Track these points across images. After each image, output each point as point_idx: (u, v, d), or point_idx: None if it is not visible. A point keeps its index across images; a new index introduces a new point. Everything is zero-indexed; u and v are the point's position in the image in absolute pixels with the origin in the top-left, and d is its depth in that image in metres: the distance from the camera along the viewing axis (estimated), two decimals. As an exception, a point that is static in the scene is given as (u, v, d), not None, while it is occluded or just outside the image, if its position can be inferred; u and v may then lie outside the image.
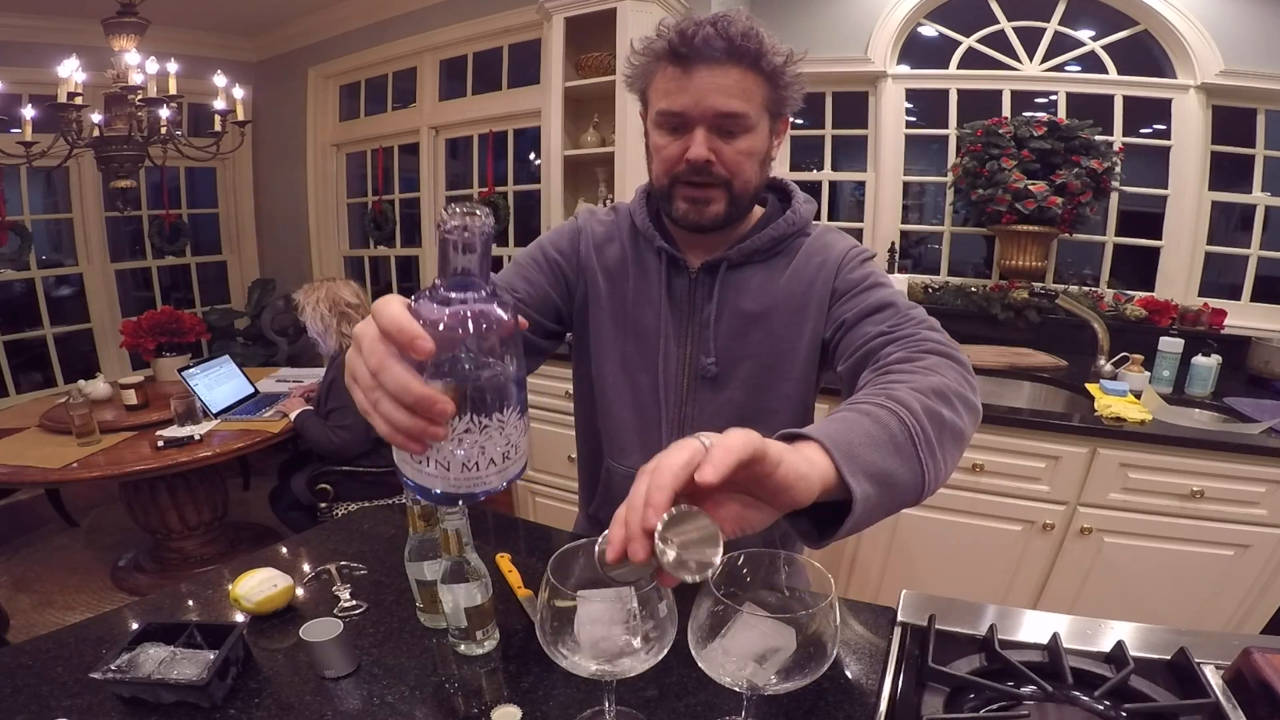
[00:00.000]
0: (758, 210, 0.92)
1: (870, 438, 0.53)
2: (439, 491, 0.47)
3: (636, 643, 0.53)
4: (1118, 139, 2.38)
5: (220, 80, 2.48)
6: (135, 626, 0.77)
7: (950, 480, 0.55)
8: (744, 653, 0.51)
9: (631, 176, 2.38)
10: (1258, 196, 2.32)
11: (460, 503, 0.49)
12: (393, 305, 0.41)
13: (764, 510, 0.47)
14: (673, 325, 0.91)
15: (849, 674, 0.73)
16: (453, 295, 0.43)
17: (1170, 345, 2.01)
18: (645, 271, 0.92)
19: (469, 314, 0.43)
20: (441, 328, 0.42)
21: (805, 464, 0.47)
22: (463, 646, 0.76)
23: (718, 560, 0.42)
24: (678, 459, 0.42)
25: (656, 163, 0.84)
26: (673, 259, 0.90)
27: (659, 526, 0.40)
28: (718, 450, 0.42)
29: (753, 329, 0.89)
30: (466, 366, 0.44)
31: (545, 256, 0.94)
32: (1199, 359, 1.96)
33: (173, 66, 2.37)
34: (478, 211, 0.43)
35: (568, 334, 1.00)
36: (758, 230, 0.88)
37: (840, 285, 0.86)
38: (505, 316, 0.45)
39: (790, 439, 0.51)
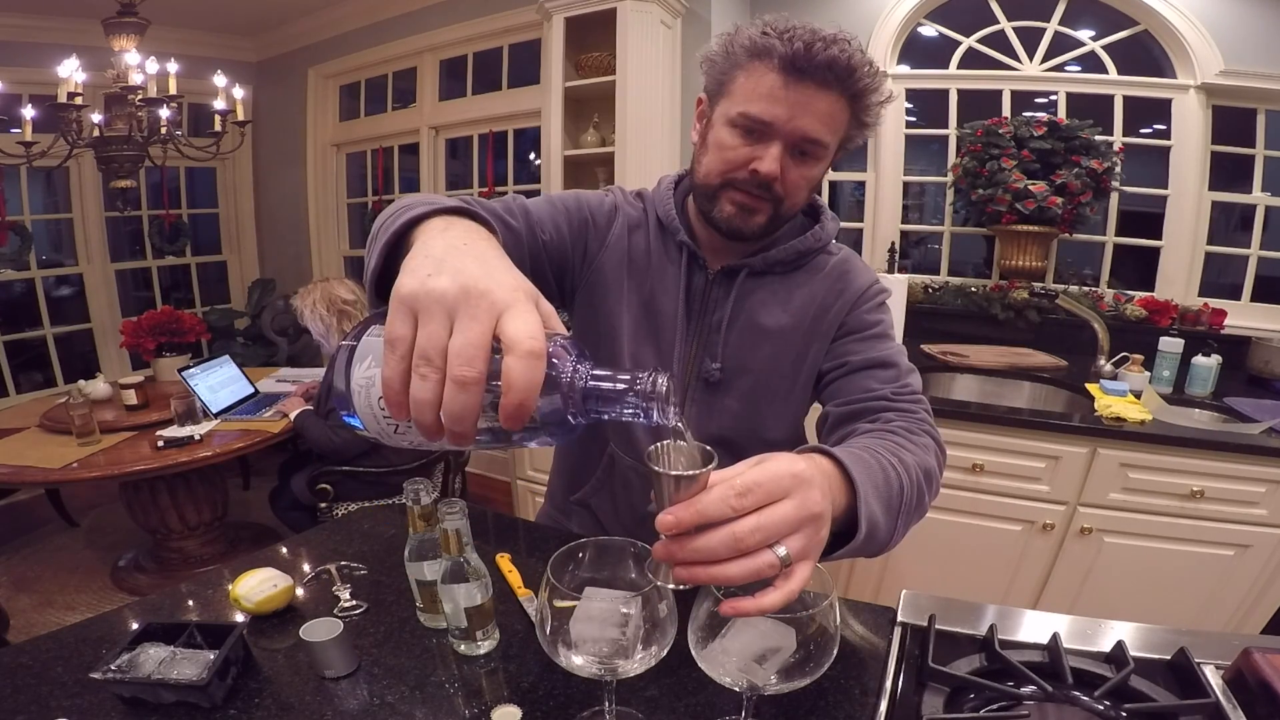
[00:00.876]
0: None
1: (878, 488, 0.59)
2: (372, 436, 0.46)
3: (636, 643, 0.53)
4: (1118, 139, 2.38)
5: (220, 80, 2.48)
6: (135, 626, 0.77)
7: (950, 480, 0.58)
8: (744, 653, 0.51)
9: (632, 177, 2.38)
10: (1258, 196, 2.32)
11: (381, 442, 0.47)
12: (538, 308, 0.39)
13: None
14: (684, 323, 0.90)
15: (849, 674, 0.73)
16: (608, 383, 0.40)
17: (1170, 345, 2.01)
18: (666, 264, 0.90)
19: (574, 368, 0.40)
20: (567, 402, 0.39)
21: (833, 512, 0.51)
22: (463, 646, 0.76)
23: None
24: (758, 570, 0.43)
25: (715, 160, 0.80)
26: (693, 255, 0.89)
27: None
28: (793, 584, 0.44)
29: (762, 343, 0.88)
30: (527, 429, 0.40)
31: (580, 214, 0.91)
32: (1199, 359, 1.96)
33: (173, 66, 2.37)
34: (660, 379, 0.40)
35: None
36: (782, 242, 0.87)
37: (852, 323, 0.87)
38: (581, 428, 0.42)
39: (818, 450, 0.57)
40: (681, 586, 0.46)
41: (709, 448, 0.44)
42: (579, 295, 0.94)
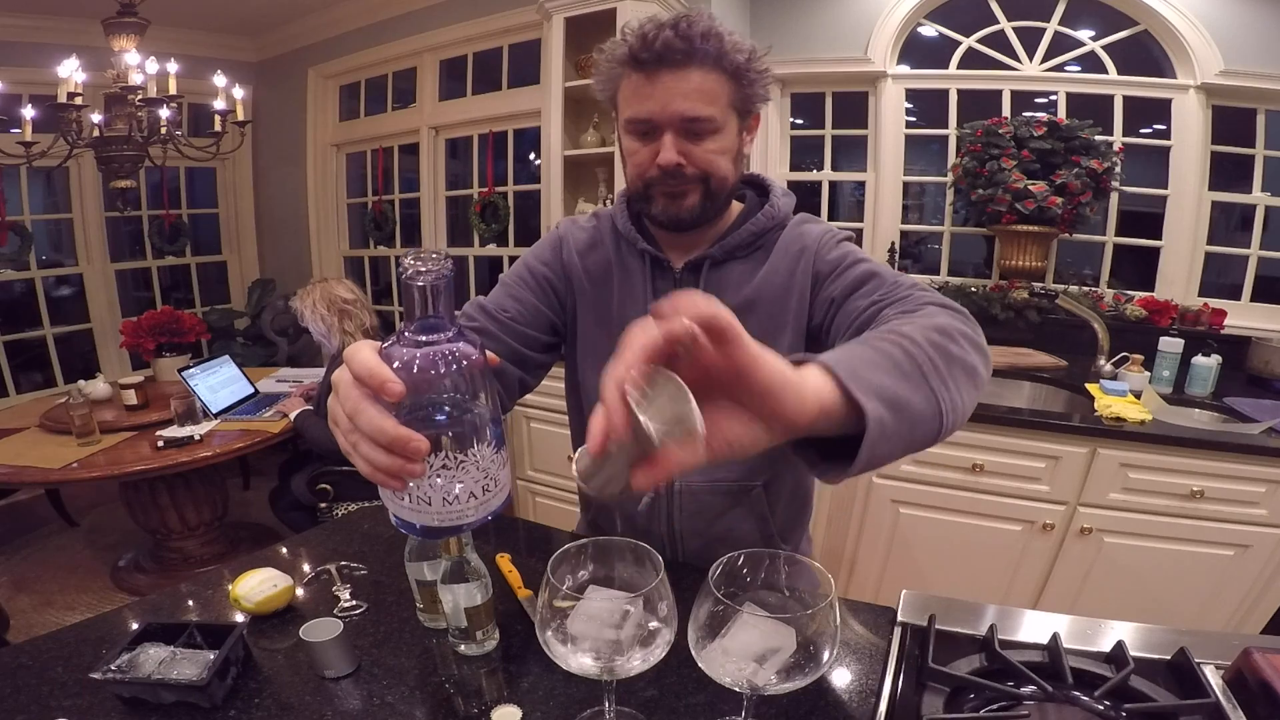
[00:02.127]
0: (736, 207, 0.92)
1: (873, 362, 0.49)
2: (420, 526, 0.49)
3: (636, 643, 0.53)
4: (1118, 139, 2.38)
5: (220, 80, 2.48)
6: (135, 626, 0.77)
7: (950, 480, 0.56)
8: (744, 653, 0.51)
9: (631, 176, 2.38)
10: (1258, 196, 2.32)
11: (443, 538, 0.51)
12: (363, 351, 0.44)
13: (752, 427, 0.43)
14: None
15: (849, 674, 0.73)
16: (421, 338, 0.46)
17: (1170, 345, 2.01)
18: (629, 275, 0.92)
19: (437, 355, 0.45)
20: (414, 370, 0.44)
21: (792, 372, 0.43)
22: (463, 646, 0.76)
23: (699, 424, 0.39)
24: (645, 330, 0.39)
25: (630, 168, 0.85)
26: (656, 260, 0.91)
27: (634, 396, 0.38)
28: (684, 305, 0.39)
29: (740, 321, 0.88)
30: (439, 405, 0.46)
31: (531, 272, 0.94)
32: (1199, 359, 1.96)
33: (173, 66, 2.36)
34: (435, 256, 0.46)
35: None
36: (737, 227, 0.89)
37: (821, 267, 0.86)
38: (473, 354, 0.47)
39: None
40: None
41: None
42: (567, 329, 0.97)
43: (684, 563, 0.97)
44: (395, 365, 0.44)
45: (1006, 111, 2.50)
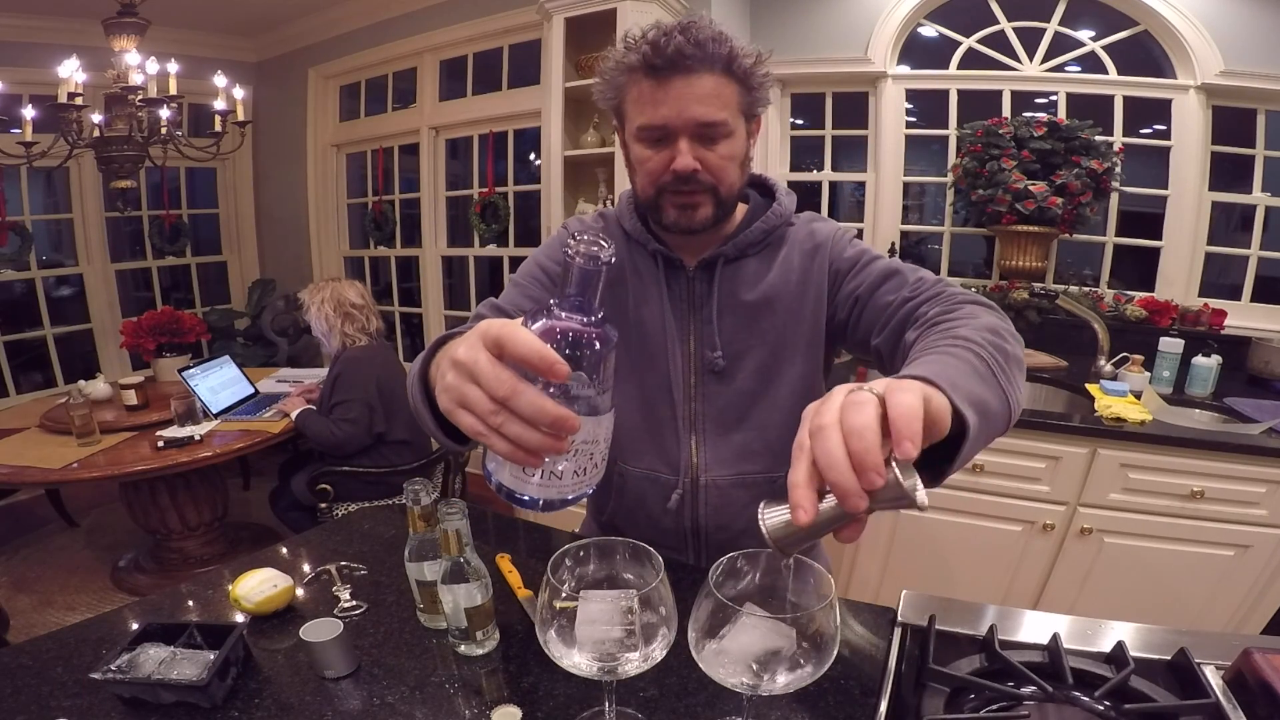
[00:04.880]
0: (742, 207, 0.93)
1: (961, 372, 0.55)
2: (543, 500, 0.50)
3: (636, 643, 0.53)
4: (1118, 139, 2.38)
5: (220, 80, 2.48)
6: (135, 626, 0.77)
7: (950, 480, 0.56)
8: (744, 653, 0.51)
9: (631, 177, 2.38)
10: (1258, 197, 2.32)
11: (561, 509, 0.53)
12: (523, 333, 0.44)
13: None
14: (676, 324, 0.92)
15: (849, 674, 0.73)
16: (576, 318, 0.47)
17: (1170, 345, 2.01)
18: (642, 274, 0.92)
19: (591, 336, 0.47)
20: (568, 350, 0.46)
21: (940, 401, 0.48)
22: (463, 646, 0.76)
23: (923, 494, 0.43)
24: (867, 420, 0.41)
25: (641, 175, 0.85)
26: (668, 259, 0.91)
27: (893, 469, 0.41)
28: (903, 419, 0.41)
29: (755, 318, 0.90)
30: (586, 384, 0.47)
31: (544, 271, 0.94)
32: (1199, 359, 1.96)
33: (173, 67, 2.37)
34: (605, 243, 0.47)
35: None
36: (746, 225, 0.90)
37: (839, 265, 0.89)
38: (614, 338, 0.49)
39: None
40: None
41: None
42: None
43: (706, 559, 0.97)
44: (552, 344, 0.45)
45: (1006, 112, 2.50)
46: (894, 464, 0.42)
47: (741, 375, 0.91)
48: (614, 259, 0.48)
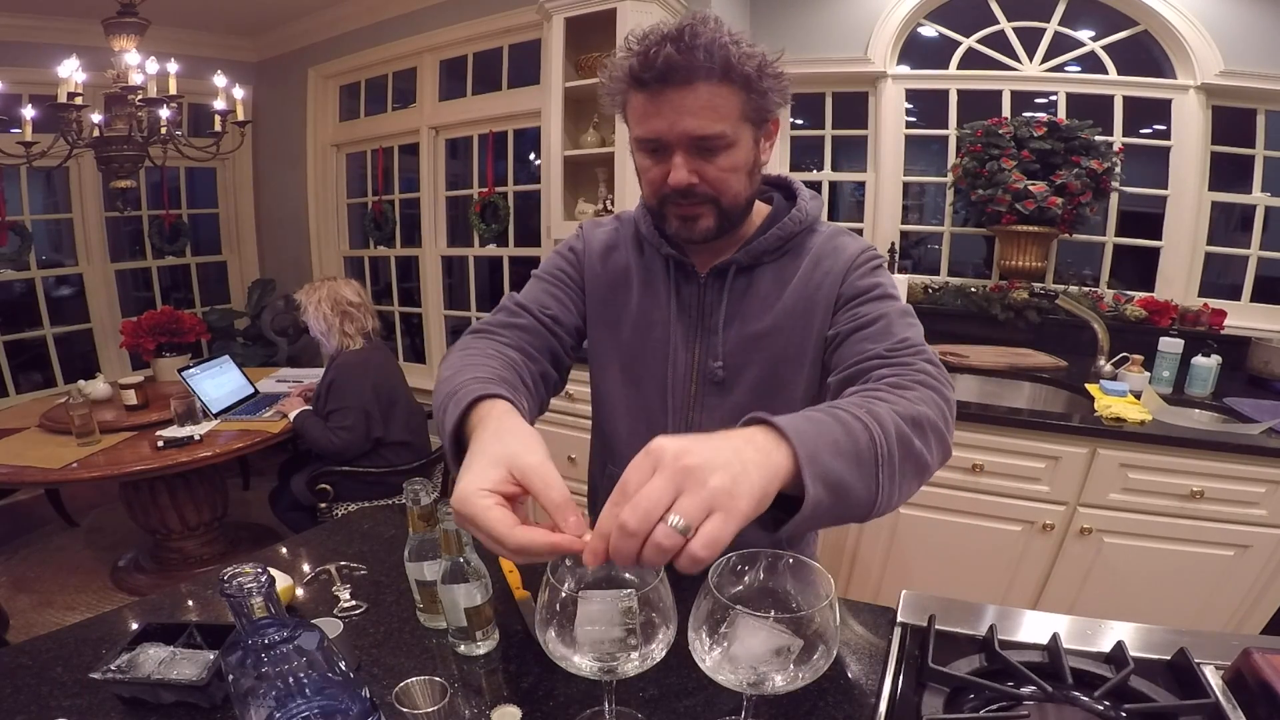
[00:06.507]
0: (763, 209, 0.91)
1: (837, 445, 0.54)
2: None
3: (635, 643, 0.53)
4: (1118, 139, 2.38)
5: (220, 80, 2.48)
6: (135, 626, 0.77)
7: (950, 480, 0.56)
8: (743, 653, 0.51)
9: (631, 177, 2.36)
10: (1258, 197, 2.32)
11: None
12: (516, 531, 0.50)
13: None
14: (681, 331, 0.91)
15: (849, 674, 0.73)
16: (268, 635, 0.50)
17: (1170, 346, 2.01)
18: (652, 278, 0.91)
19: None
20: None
21: (768, 482, 0.49)
22: (463, 646, 0.76)
23: None
24: (662, 546, 0.44)
25: (645, 183, 0.83)
26: (680, 265, 0.90)
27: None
28: (702, 549, 0.44)
29: (761, 334, 0.88)
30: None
31: (564, 271, 0.95)
32: (1199, 359, 1.96)
33: (173, 66, 2.36)
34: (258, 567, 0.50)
35: (584, 342, 1.00)
36: (763, 230, 0.87)
37: (846, 290, 0.84)
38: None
39: (758, 421, 0.53)
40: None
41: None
42: (587, 331, 0.98)
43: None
44: None
45: (1006, 112, 2.50)
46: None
47: (740, 389, 0.90)
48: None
